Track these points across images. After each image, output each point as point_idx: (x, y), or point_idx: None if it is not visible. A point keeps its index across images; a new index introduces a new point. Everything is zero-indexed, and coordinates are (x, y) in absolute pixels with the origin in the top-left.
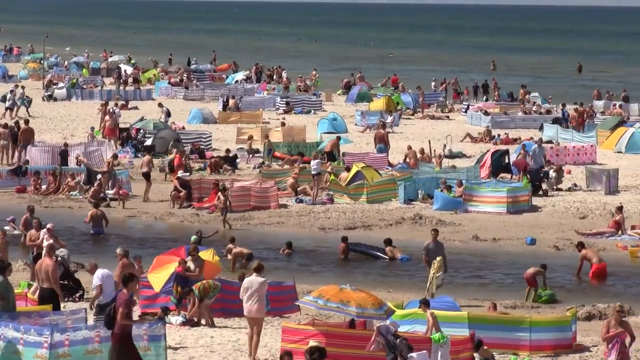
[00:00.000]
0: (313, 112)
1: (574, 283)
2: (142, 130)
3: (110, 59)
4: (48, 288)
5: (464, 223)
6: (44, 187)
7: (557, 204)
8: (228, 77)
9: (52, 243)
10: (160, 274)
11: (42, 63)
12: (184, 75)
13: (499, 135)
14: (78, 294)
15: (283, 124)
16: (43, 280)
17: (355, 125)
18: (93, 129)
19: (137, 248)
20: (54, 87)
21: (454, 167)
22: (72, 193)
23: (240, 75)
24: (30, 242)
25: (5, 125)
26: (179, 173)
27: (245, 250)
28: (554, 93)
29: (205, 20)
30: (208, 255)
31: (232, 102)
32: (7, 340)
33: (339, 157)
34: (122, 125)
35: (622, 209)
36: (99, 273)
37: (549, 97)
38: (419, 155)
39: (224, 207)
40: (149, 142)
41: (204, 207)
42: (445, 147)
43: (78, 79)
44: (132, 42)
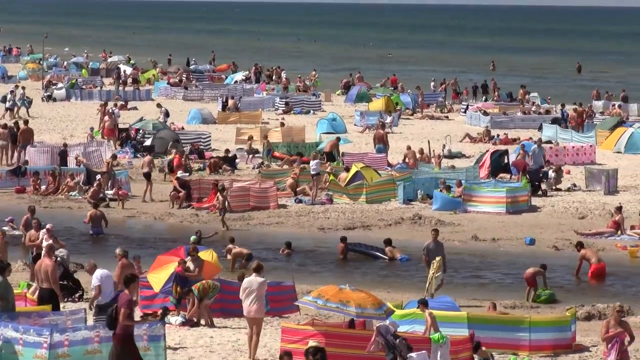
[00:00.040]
0: (312, 112)
1: (573, 283)
2: (141, 131)
3: (110, 60)
4: (47, 288)
5: (463, 223)
6: (44, 187)
7: (556, 204)
8: (227, 77)
9: (51, 243)
10: (160, 274)
11: (41, 63)
12: (183, 76)
13: (498, 136)
14: (77, 294)
15: (282, 124)
16: (42, 281)
17: (355, 126)
18: (92, 130)
19: (136, 248)
20: (53, 87)
21: (453, 167)
22: (71, 193)
23: (240, 76)
24: (30, 242)
25: (5, 126)
26: (178, 173)
27: (245, 251)
28: (554, 93)
29: (207, 21)
30: (207, 256)
31: (231, 102)
32: (6, 341)
33: (339, 157)
34: (121, 126)
35: (621, 209)
36: (98, 273)
37: (548, 97)
38: (418, 156)
39: (223, 207)
40: (149, 142)
41: (204, 207)
42: (445, 147)
43: (77, 80)
44: (131, 42)
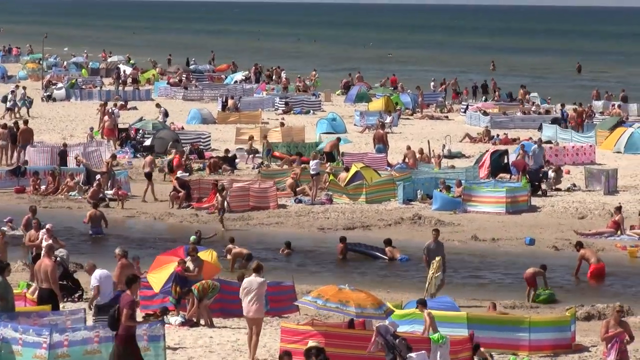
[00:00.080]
0: (312, 112)
1: (573, 283)
2: (141, 131)
3: (110, 60)
4: (47, 288)
5: (463, 223)
6: (43, 187)
7: (556, 204)
8: (227, 77)
9: (51, 243)
10: (160, 274)
11: (41, 63)
12: (183, 76)
13: (498, 136)
14: (77, 295)
15: (282, 124)
16: (42, 281)
17: (355, 126)
18: (92, 130)
19: (136, 248)
20: (53, 87)
21: (453, 167)
22: (71, 193)
23: (239, 76)
24: (30, 242)
25: (5, 126)
26: (178, 173)
27: (245, 251)
28: (553, 93)
29: (206, 21)
30: (207, 256)
31: (231, 102)
32: (5, 341)
33: (338, 157)
34: (121, 126)
35: (621, 209)
36: (97, 274)
37: (548, 97)
38: (418, 156)
39: (221, 207)
40: (148, 142)
41: (203, 207)
42: (444, 147)
43: (77, 80)
44: (131, 42)
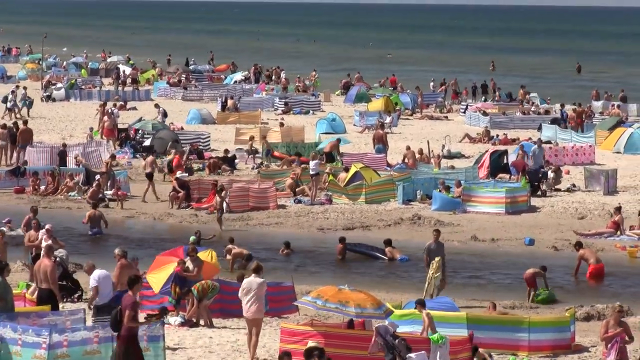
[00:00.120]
0: (312, 112)
1: (573, 283)
2: (140, 131)
3: (109, 60)
4: (46, 289)
5: (463, 223)
6: (43, 187)
7: (555, 205)
8: (226, 77)
9: (50, 244)
10: (159, 275)
11: (40, 64)
12: (183, 76)
13: (498, 136)
14: (77, 295)
15: (282, 125)
16: (41, 281)
17: (354, 126)
18: (92, 130)
19: (135, 249)
20: (53, 87)
21: (453, 167)
22: (70, 194)
23: (239, 76)
24: (29, 242)
25: (4, 126)
26: (178, 174)
27: (245, 251)
28: (553, 93)
29: (206, 21)
30: (206, 256)
31: (230, 102)
32: (5, 341)
33: (338, 157)
34: (120, 126)
35: (620, 210)
36: (95, 274)
37: (548, 97)
38: (418, 156)
39: (220, 208)
40: (148, 142)
41: (203, 207)
42: (444, 147)
43: (77, 80)
44: (130, 42)
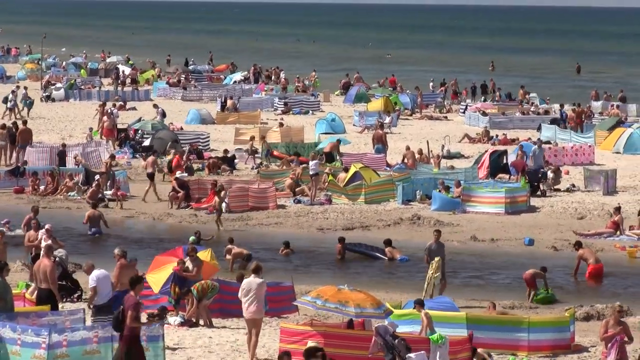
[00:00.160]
0: (311, 112)
1: (572, 283)
2: (140, 131)
3: (109, 60)
4: (46, 289)
5: (462, 224)
6: (42, 187)
7: (555, 205)
8: (226, 77)
9: (50, 244)
10: (159, 275)
11: (40, 64)
12: (182, 76)
13: (497, 136)
14: (76, 295)
15: (281, 125)
16: (41, 281)
17: (354, 126)
18: (91, 130)
19: (135, 249)
20: (52, 87)
21: (452, 167)
22: (70, 194)
23: (238, 76)
24: (29, 242)
25: (4, 126)
26: (177, 174)
27: (245, 251)
28: (552, 93)
29: (206, 21)
30: (206, 256)
31: (230, 102)
32: (4, 341)
33: (338, 158)
34: (120, 126)
35: (620, 210)
36: (94, 274)
37: (547, 97)
38: (417, 156)
39: (218, 208)
40: (147, 142)
41: (202, 207)
42: (444, 147)
43: (76, 80)
44: (130, 42)
